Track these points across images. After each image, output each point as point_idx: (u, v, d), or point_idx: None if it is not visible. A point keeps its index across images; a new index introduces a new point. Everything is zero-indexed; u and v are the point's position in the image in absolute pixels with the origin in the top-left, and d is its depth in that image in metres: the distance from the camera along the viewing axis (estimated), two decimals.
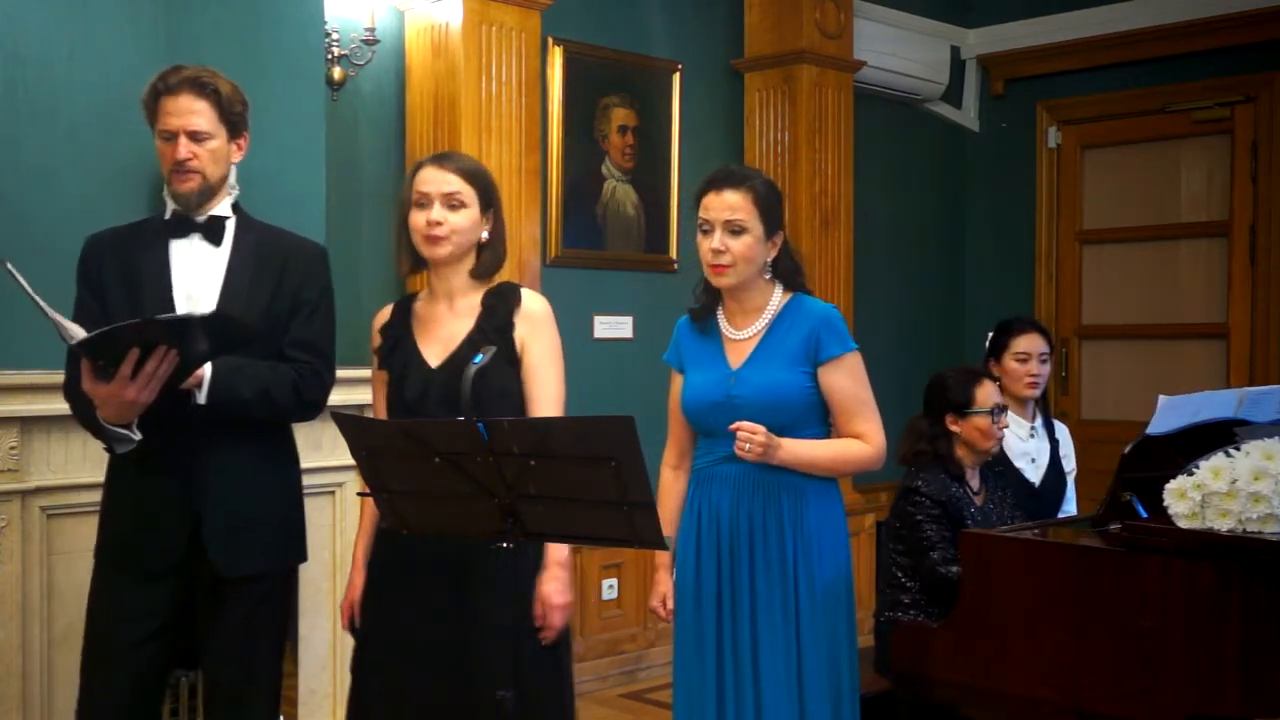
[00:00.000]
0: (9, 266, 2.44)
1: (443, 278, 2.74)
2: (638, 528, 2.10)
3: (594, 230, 5.24)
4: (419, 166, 2.73)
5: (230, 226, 2.75)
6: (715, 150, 5.57)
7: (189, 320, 2.49)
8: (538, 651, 2.65)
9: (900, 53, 6.19)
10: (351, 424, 2.32)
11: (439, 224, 2.65)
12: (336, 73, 4.36)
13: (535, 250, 4.63)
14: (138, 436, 2.57)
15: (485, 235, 2.73)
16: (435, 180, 2.67)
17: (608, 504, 2.09)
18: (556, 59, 5.05)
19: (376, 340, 2.83)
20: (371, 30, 4.40)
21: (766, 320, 2.83)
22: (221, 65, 3.69)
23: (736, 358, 2.84)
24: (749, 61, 5.71)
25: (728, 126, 5.71)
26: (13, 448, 3.29)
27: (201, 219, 2.72)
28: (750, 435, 2.65)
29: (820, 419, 2.84)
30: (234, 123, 2.73)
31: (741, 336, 2.85)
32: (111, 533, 2.75)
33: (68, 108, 3.38)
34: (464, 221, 2.68)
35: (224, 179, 2.74)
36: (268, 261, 2.75)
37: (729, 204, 2.75)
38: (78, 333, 2.43)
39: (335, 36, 4.33)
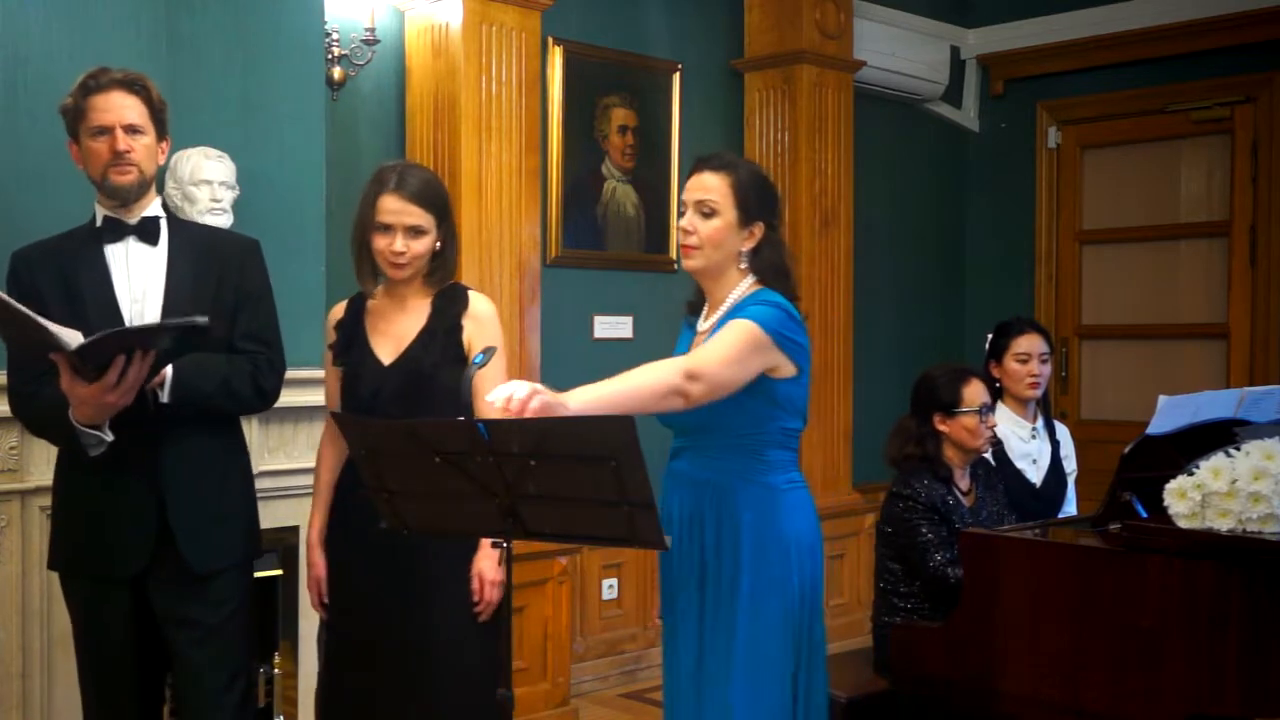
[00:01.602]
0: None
1: (398, 286, 2.88)
2: (637, 527, 2.10)
3: (594, 230, 5.24)
4: (380, 190, 2.81)
5: (163, 226, 2.76)
6: (715, 150, 5.56)
7: (177, 326, 2.52)
8: (480, 638, 2.76)
9: (900, 53, 6.19)
10: (351, 424, 2.32)
11: (402, 253, 2.80)
12: (336, 73, 4.36)
13: (535, 250, 4.63)
14: (110, 437, 2.56)
15: (437, 245, 2.85)
16: (397, 212, 2.79)
17: (607, 504, 2.09)
18: (556, 59, 5.05)
19: (331, 336, 2.95)
20: (371, 30, 4.40)
21: (723, 312, 2.69)
22: (221, 65, 3.72)
23: (693, 350, 2.71)
24: (749, 61, 5.71)
25: (728, 126, 5.71)
26: (13, 448, 3.29)
27: (133, 221, 2.72)
28: (524, 400, 2.15)
29: (766, 417, 2.62)
30: (161, 122, 2.74)
31: (704, 327, 2.74)
32: (77, 539, 2.73)
33: None
34: (424, 247, 2.83)
35: (154, 177, 2.76)
36: (205, 257, 2.76)
37: (704, 185, 2.68)
38: (73, 339, 2.43)
39: (335, 36, 4.33)
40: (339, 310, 2.98)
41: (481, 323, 2.85)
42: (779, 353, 2.58)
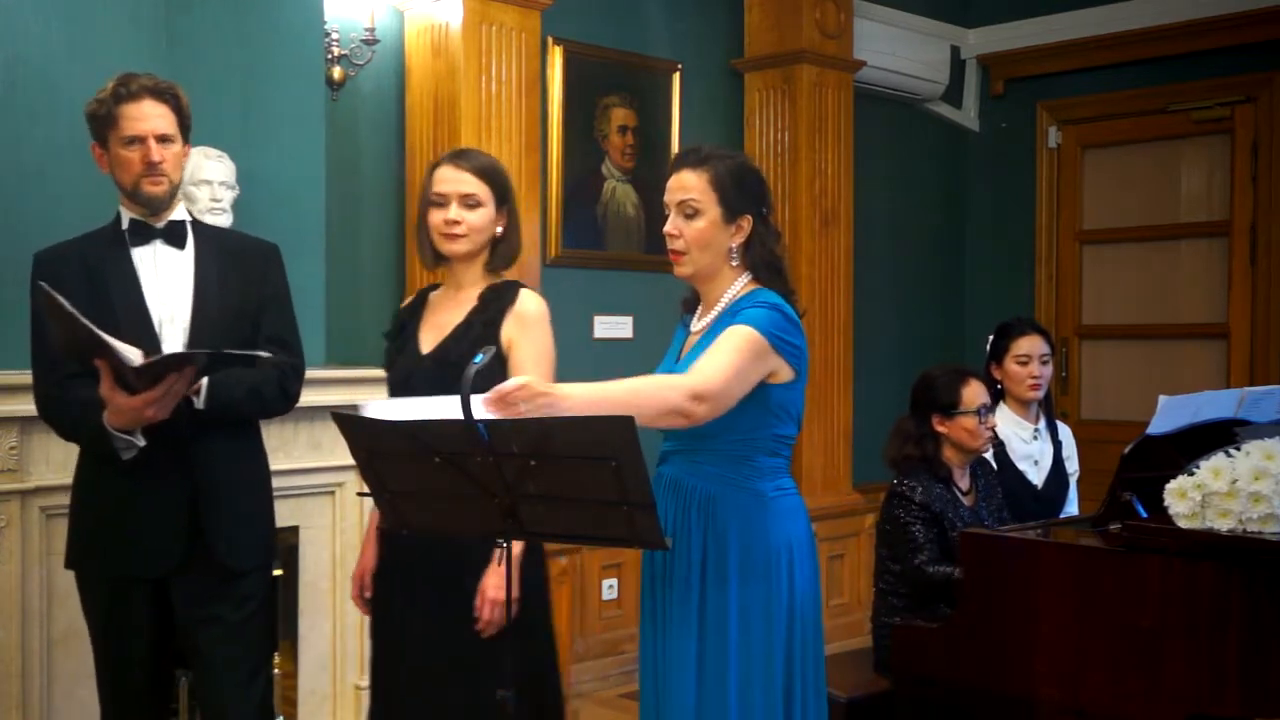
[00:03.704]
0: (54, 293, 2.45)
1: (458, 271, 2.83)
2: (638, 528, 2.10)
3: (594, 230, 5.24)
4: (437, 165, 2.80)
5: (189, 230, 2.78)
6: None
7: (239, 356, 2.58)
8: (511, 649, 2.67)
9: (900, 53, 6.19)
10: (351, 424, 2.31)
11: (456, 223, 2.73)
12: (336, 73, 4.36)
13: (535, 250, 4.64)
14: (142, 442, 2.59)
15: (499, 230, 2.80)
16: (452, 180, 2.76)
17: (608, 504, 2.09)
18: (556, 59, 5.04)
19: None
20: (371, 30, 4.40)
21: (717, 312, 2.59)
22: (221, 65, 3.72)
23: (685, 350, 2.64)
24: (749, 61, 5.71)
25: (728, 126, 5.71)
26: (13, 448, 3.29)
27: (160, 225, 2.74)
28: (511, 393, 2.15)
29: (759, 423, 2.52)
30: (187, 129, 2.77)
31: (696, 328, 2.64)
32: (102, 538, 2.74)
33: (68, 108, 3.38)
34: (479, 220, 2.76)
35: (180, 183, 2.78)
36: (230, 261, 2.79)
37: (683, 184, 2.55)
38: (133, 356, 2.47)
39: (335, 36, 4.33)
40: (409, 299, 2.96)
41: (526, 322, 2.74)
42: (777, 357, 2.48)
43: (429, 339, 2.80)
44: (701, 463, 2.56)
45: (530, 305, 2.77)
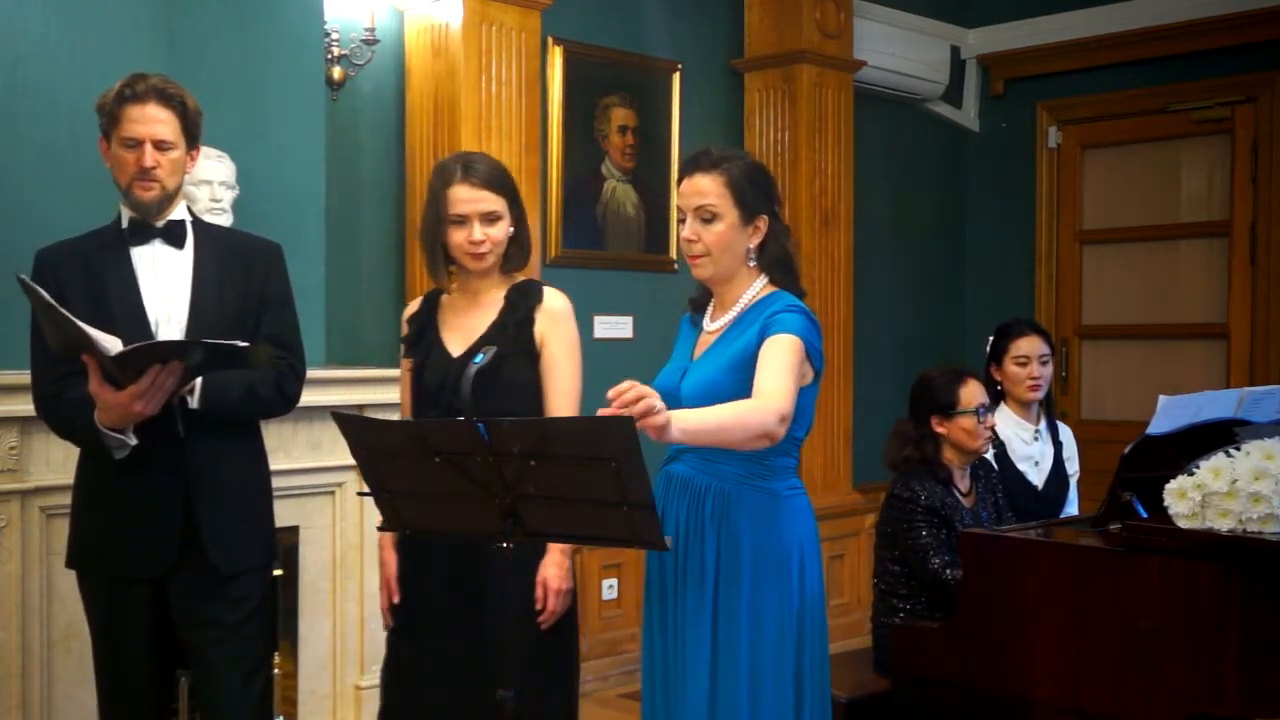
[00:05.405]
0: (31, 283, 2.45)
1: (474, 278, 2.81)
2: (638, 528, 2.10)
3: (594, 230, 5.24)
4: (448, 182, 2.74)
5: (189, 229, 2.78)
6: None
7: (218, 346, 2.54)
8: (544, 645, 2.67)
9: (900, 53, 6.19)
10: (351, 424, 2.32)
11: (482, 242, 2.73)
12: (336, 73, 4.36)
13: (535, 250, 4.61)
14: (134, 441, 2.59)
15: (510, 230, 2.80)
16: (471, 201, 2.72)
17: (608, 504, 2.09)
18: (556, 59, 5.05)
19: (404, 330, 2.91)
20: (371, 30, 4.40)
21: (736, 313, 2.62)
22: (222, 65, 3.72)
23: (699, 350, 2.67)
24: (749, 61, 5.71)
25: (728, 126, 5.71)
26: (12, 448, 3.29)
27: (160, 224, 2.74)
28: (632, 398, 2.15)
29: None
30: (193, 135, 2.76)
31: (712, 328, 2.66)
32: (100, 538, 2.74)
33: (68, 108, 3.38)
34: (501, 233, 2.77)
35: (179, 188, 2.77)
36: (230, 260, 2.78)
37: (699, 189, 2.57)
38: (112, 346, 2.46)
39: (335, 36, 4.33)
40: (414, 305, 2.93)
41: (556, 318, 2.79)
42: (808, 363, 2.53)
43: (456, 342, 2.79)
44: (716, 460, 2.57)
45: (557, 302, 2.83)
